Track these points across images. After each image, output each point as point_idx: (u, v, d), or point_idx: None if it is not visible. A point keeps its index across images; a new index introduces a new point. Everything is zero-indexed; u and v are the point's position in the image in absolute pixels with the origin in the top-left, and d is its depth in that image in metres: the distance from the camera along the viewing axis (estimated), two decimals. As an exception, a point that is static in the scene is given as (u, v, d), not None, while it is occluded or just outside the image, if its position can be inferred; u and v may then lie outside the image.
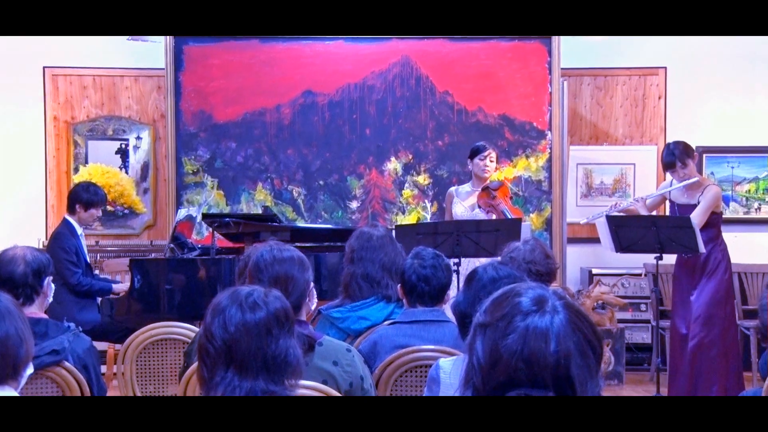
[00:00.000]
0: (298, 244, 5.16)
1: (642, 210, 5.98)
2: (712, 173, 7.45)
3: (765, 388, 3.13)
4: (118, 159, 7.50)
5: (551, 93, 7.01)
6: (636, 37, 7.20)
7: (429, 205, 7.12)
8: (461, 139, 7.01)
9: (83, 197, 5.98)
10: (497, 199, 6.03)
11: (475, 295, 2.86)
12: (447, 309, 3.66)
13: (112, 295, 5.85)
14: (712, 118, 7.51)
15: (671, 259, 6.09)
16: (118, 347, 5.40)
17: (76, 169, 7.40)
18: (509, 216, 5.88)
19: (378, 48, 7.04)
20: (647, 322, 7.27)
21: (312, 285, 3.09)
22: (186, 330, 4.07)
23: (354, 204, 7.14)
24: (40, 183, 7.47)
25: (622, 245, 5.74)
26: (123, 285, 6.03)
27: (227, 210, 7.02)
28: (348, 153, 7.12)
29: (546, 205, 7.10)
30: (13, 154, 7.46)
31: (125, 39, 7.15)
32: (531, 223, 6.93)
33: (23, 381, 2.34)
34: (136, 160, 7.52)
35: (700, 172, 6.77)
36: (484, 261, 3.85)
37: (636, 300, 7.28)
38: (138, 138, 7.51)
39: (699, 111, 7.52)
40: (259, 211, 6.86)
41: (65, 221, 6.02)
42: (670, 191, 6.00)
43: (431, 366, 2.93)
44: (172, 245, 5.93)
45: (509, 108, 7.08)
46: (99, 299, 5.89)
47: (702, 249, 5.55)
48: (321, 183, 7.13)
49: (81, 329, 3.54)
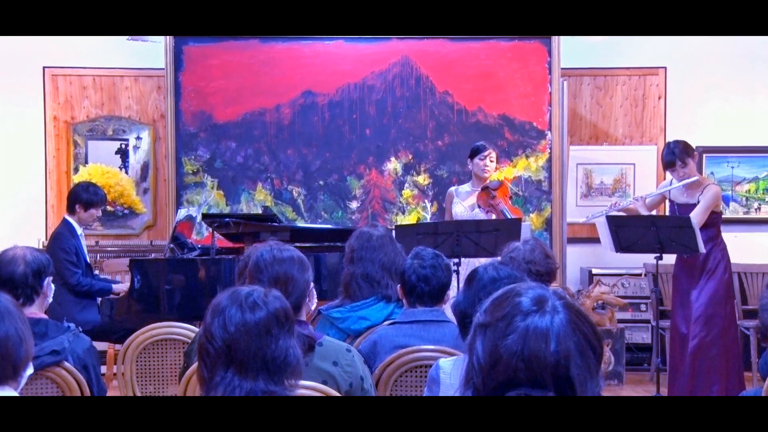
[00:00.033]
0: (297, 244, 5.16)
1: (642, 209, 5.98)
2: (711, 173, 7.45)
3: (765, 388, 3.12)
4: (118, 159, 7.50)
5: (551, 93, 7.01)
6: (636, 37, 7.20)
7: (429, 205, 7.12)
8: (461, 139, 7.01)
9: (83, 197, 5.98)
10: (497, 199, 6.03)
11: (476, 295, 2.86)
12: (447, 309, 3.66)
13: (112, 296, 5.85)
14: (712, 118, 7.51)
15: (671, 259, 6.09)
16: (118, 347, 5.40)
17: (76, 169, 7.40)
18: (509, 216, 5.88)
19: (378, 48, 7.04)
20: (647, 322, 7.27)
21: (312, 285, 3.09)
22: (186, 330, 4.07)
23: (354, 204, 7.14)
24: (40, 183, 7.47)
25: (621, 245, 5.73)
26: (123, 285, 6.03)
27: (227, 210, 7.01)
28: (348, 153, 7.12)
29: (546, 205, 7.09)
30: (13, 154, 7.46)
31: (125, 39, 7.14)
32: (531, 223, 6.93)
33: (23, 381, 2.34)
34: (136, 160, 7.52)
35: (700, 172, 6.76)
36: (483, 261, 3.85)
37: (636, 300, 7.28)
38: (138, 138, 7.51)
39: (699, 111, 7.52)
40: (259, 212, 6.86)
41: (65, 221, 6.01)
42: (669, 190, 6.00)
43: (431, 366, 2.93)
44: (172, 245, 5.93)
45: (509, 108, 7.07)
46: (99, 299, 5.89)
47: (702, 249, 5.54)
48: (321, 183, 7.13)
49: (81, 329, 3.54)
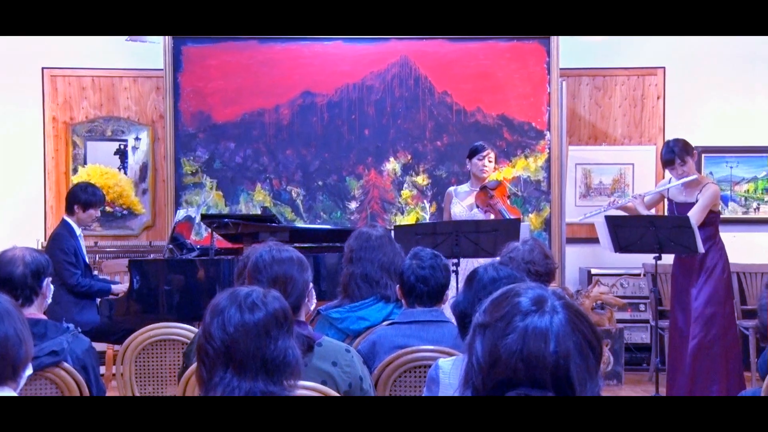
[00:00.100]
0: (297, 244, 5.17)
1: (640, 207, 5.98)
2: (710, 173, 7.45)
3: (764, 387, 3.13)
4: (116, 160, 7.50)
5: (550, 93, 7.01)
6: (635, 38, 7.20)
7: (428, 206, 7.12)
8: (460, 140, 7.01)
9: (81, 198, 5.98)
10: (495, 199, 6.03)
11: (476, 295, 2.86)
12: (446, 309, 3.66)
13: (111, 296, 5.85)
14: (710, 118, 7.51)
15: (670, 259, 6.09)
16: (117, 348, 5.39)
17: (74, 170, 7.40)
18: (507, 215, 5.88)
19: (377, 48, 7.04)
20: (646, 322, 7.27)
21: (311, 285, 3.10)
22: (185, 331, 4.07)
23: (353, 204, 7.14)
24: (38, 184, 7.46)
25: (620, 245, 5.73)
26: (122, 286, 6.03)
27: (226, 211, 7.01)
28: (347, 153, 7.12)
29: (545, 206, 7.09)
30: (12, 154, 7.45)
31: (124, 40, 7.14)
32: (530, 223, 6.93)
33: (22, 382, 2.34)
34: (134, 160, 7.52)
35: (699, 171, 6.76)
36: (482, 261, 3.85)
37: (635, 300, 7.28)
38: (137, 139, 7.51)
39: (698, 111, 7.52)
40: (258, 212, 6.86)
41: (64, 222, 6.01)
42: (668, 189, 6.00)
43: (430, 366, 2.93)
44: (171, 246, 5.93)
45: (508, 108, 7.07)
46: (98, 300, 5.89)
47: (701, 249, 5.54)
48: (320, 183, 7.13)
49: (80, 330, 3.54)
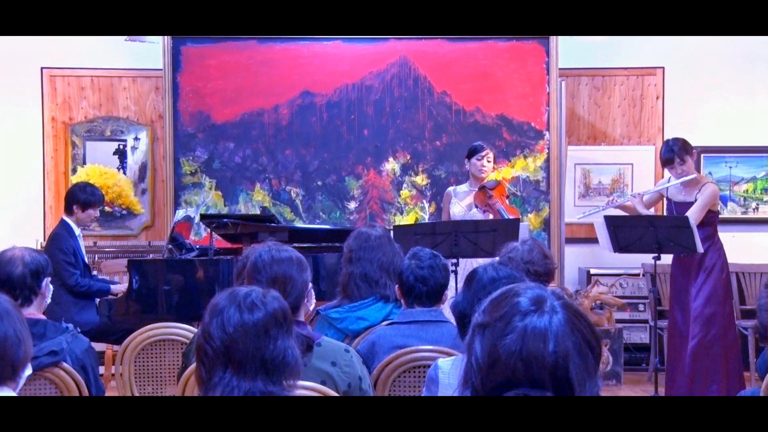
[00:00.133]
0: (296, 244, 5.16)
1: (639, 206, 5.98)
2: (710, 173, 7.45)
3: (763, 387, 3.13)
4: (116, 160, 7.50)
5: (549, 93, 7.01)
6: (634, 37, 7.20)
7: (427, 206, 7.12)
8: (459, 140, 7.01)
9: (80, 198, 5.98)
10: (494, 199, 6.03)
11: (475, 296, 2.86)
12: (445, 309, 3.66)
13: (110, 296, 5.84)
14: (710, 118, 7.51)
15: (669, 259, 6.09)
16: (116, 348, 5.39)
17: (74, 170, 7.40)
18: (506, 215, 5.88)
19: (376, 48, 7.04)
20: (645, 322, 7.27)
21: (310, 285, 3.10)
22: (184, 331, 4.07)
23: (352, 204, 7.14)
24: (38, 184, 7.46)
25: (620, 245, 5.73)
26: (121, 286, 6.03)
27: (225, 211, 7.01)
28: (346, 153, 7.12)
29: (544, 206, 7.10)
30: (11, 155, 7.45)
31: (123, 39, 7.14)
32: (529, 224, 6.93)
33: (22, 382, 2.34)
34: (134, 160, 7.51)
35: (698, 171, 6.76)
36: (481, 261, 3.85)
37: (634, 300, 7.28)
38: (136, 139, 7.51)
39: (697, 111, 7.52)
40: (258, 212, 6.86)
41: (63, 222, 6.01)
42: (667, 188, 6.00)
43: (429, 366, 2.93)
44: (170, 246, 5.93)
45: (507, 108, 7.08)
46: (97, 300, 5.89)
47: (700, 249, 5.55)
48: (319, 183, 7.13)
49: (79, 330, 3.54)
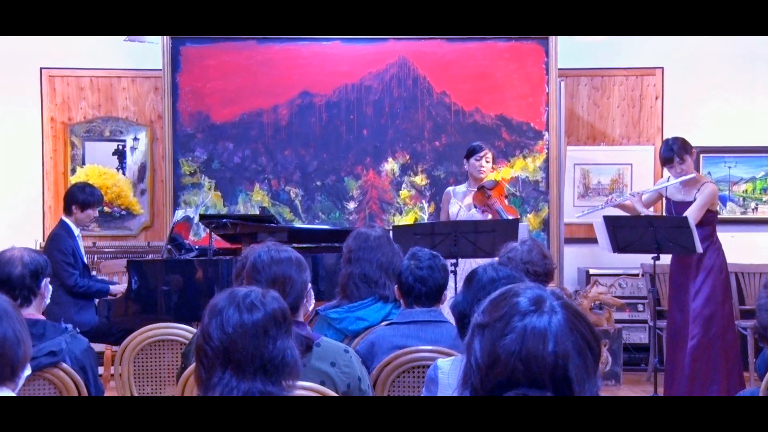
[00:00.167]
0: (295, 245, 5.15)
1: (638, 205, 5.99)
2: (709, 173, 7.45)
3: (762, 387, 3.13)
4: (115, 160, 7.50)
5: (548, 93, 7.01)
6: (633, 38, 7.20)
7: (426, 206, 7.12)
8: (458, 140, 7.01)
9: (79, 198, 5.98)
10: (492, 199, 6.03)
11: (475, 296, 2.86)
12: (444, 309, 3.66)
13: (109, 297, 5.84)
14: (709, 118, 7.52)
15: (668, 260, 6.09)
16: (115, 348, 5.39)
17: (73, 171, 7.40)
18: (504, 215, 5.88)
19: (375, 48, 7.04)
20: (644, 322, 7.27)
21: (309, 286, 3.10)
22: (183, 331, 4.06)
23: (351, 205, 7.14)
24: (37, 184, 7.46)
25: (619, 245, 5.74)
26: (120, 286, 6.03)
27: (224, 211, 7.01)
28: (345, 154, 7.12)
29: (543, 206, 7.09)
30: (11, 155, 7.45)
31: (122, 40, 7.14)
32: (528, 224, 6.93)
33: (21, 382, 2.34)
34: (133, 161, 7.51)
35: (697, 171, 6.76)
36: (480, 262, 3.85)
37: (633, 300, 7.28)
38: (135, 139, 7.51)
39: (696, 111, 7.52)
40: (257, 212, 6.85)
41: (62, 222, 6.01)
42: (666, 187, 6.00)
43: (429, 366, 2.93)
44: (169, 246, 5.93)
45: (506, 108, 7.07)
46: (96, 300, 5.89)
47: (699, 249, 5.55)
48: (318, 184, 7.13)
49: (78, 330, 3.54)
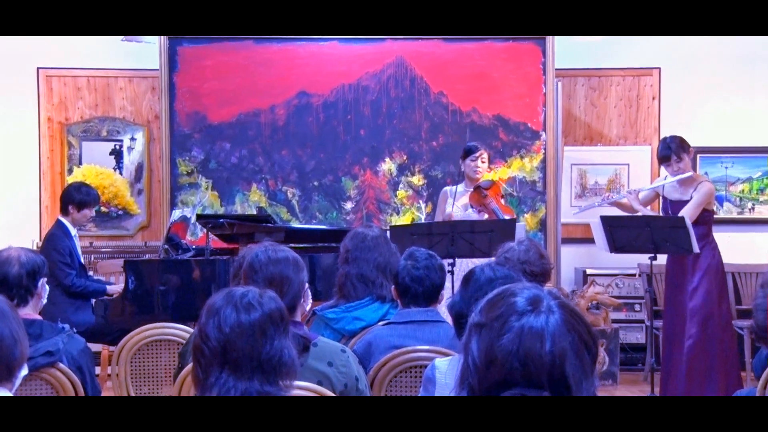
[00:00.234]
0: (292, 244, 5.15)
1: (635, 203, 5.99)
2: (706, 173, 7.45)
3: (759, 387, 3.13)
4: (112, 160, 7.49)
5: (545, 93, 7.02)
6: (630, 38, 7.20)
7: (423, 206, 7.12)
8: (456, 140, 7.01)
9: (75, 198, 5.97)
10: (488, 198, 6.03)
11: (472, 296, 2.85)
12: (441, 309, 3.66)
13: (106, 297, 5.84)
14: (706, 118, 7.52)
15: (665, 260, 6.10)
16: (112, 349, 5.38)
17: (70, 170, 7.39)
18: (501, 215, 5.88)
19: (372, 49, 7.04)
20: (641, 322, 7.28)
21: (307, 286, 3.09)
22: (180, 331, 4.06)
23: (348, 205, 7.13)
24: (34, 184, 7.45)
25: (616, 246, 5.74)
26: (117, 286, 6.02)
27: (222, 211, 7.01)
28: (342, 154, 7.12)
29: (540, 206, 7.10)
30: (8, 155, 7.44)
31: (119, 40, 7.13)
32: (525, 224, 6.93)
33: (18, 382, 2.34)
34: (130, 161, 7.51)
35: (694, 171, 6.77)
36: (478, 262, 3.85)
37: (630, 300, 7.29)
38: (132, 139, 7.50)
39: (693, 111, 7.53)
40: (254, 212, 6.86)
41: (58, 222, 6.01)
42: (663, 186, 6.01)
43: (426, 366, 2.93)
44: (166, 246, 5.93)
45: (503, 109, 7.08)
46: (93, 300, 5.88)
47: (696, 249, 5.55)
48: (315, 184, 7.13)
49: (75, 330, 3.54)
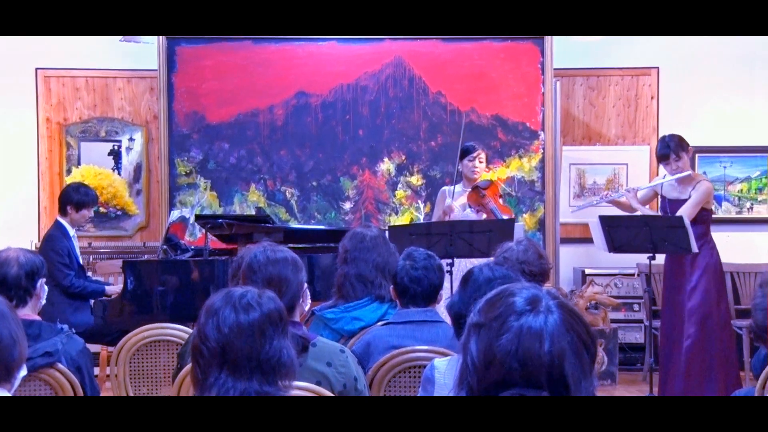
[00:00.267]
0: (291, 245, 5.15)
1: (633, 201, 6.00)
2: (704, 173, 7.45)
3: (758, 387, 3.13)
4: (110, 160, 7.49)
5: (544, 93, 7.02)
6: (628, 38, 7.20)
7: (422, 206, 7.12)
8: (454, 140, 6.98)
9: (74, 198, 5.97)
10: (486, 198, 6.04)
11: (471, 296, 2.85)
12: (440, 309, 3.66)
13: (104, 297, 5.84)
14: (704, 118, 7.52)
15: (664, 260, 6.10)
16: (111, 349, 5.38)
17: (68, 171, 7.39)
18: (499, 214, 5.89)
19: (371, 49, 7.04)
20: (640, 322, 7.28)
21: (305, 286, 3.09)
22: (179, 331, 4.06)
23: (347, 205, 7.13)
24: (32, 185, 7.45)
25: (615, 245, 5.74)
26: (116, 287, 6.02)
27: (220, 211, 7.00)
28: (341, 154, 7.12)
29: (539, 206, 7.10)
30: (6, 155, 7.43)
31: (118, 40, 7.13)
32: (524, 224, 6.93)
33: (17, 383, 2.34)
34: (128, 161, 7.51)
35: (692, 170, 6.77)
36: (476, 262, 3.85)
37: (629, 300, 7.29)
38: (131, 139, 7.50)
39: (691, 111, 7.53)
40: (252, 212, 6.85)
41: (57, 223, 6.00)
42: (662, 184, 6.01)
43: (425, 366, 2.93)
44: (165, 247, 5.92)
45: (502, 108, 7.08)
46: (92, 301, 5.88)
47: (695, 248, 5.56)
48: (314, 184, 7.13)
49: (74, 331, 3.54)
